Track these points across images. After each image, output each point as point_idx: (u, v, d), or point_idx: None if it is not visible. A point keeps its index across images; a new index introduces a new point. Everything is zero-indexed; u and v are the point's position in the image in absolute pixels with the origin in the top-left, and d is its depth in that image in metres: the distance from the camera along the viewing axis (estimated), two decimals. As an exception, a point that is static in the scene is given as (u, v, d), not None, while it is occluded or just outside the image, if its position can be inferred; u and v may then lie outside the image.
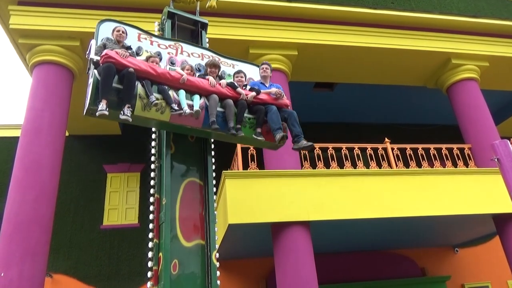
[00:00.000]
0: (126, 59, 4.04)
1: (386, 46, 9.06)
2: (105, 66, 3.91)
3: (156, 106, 4.03)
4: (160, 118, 4.15)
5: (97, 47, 4.24)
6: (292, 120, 4.81)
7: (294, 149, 4.79)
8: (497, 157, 4.40)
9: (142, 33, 4.79)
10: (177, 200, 4.37)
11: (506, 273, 9.36)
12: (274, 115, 4.69)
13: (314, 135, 9.82)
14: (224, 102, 4.52)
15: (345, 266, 10.13)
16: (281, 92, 4.96)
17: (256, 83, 5.10)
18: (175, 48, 4.91)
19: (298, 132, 4.76)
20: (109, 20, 4.65)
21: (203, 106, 4.32)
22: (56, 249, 9.24)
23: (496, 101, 11.98)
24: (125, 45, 4.47)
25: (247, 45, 8.44)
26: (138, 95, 4.00)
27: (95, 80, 3.93)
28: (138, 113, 4.02)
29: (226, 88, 4.57)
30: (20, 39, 7.64)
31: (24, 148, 6.96)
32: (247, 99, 4.64)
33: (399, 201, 7.50)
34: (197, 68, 4.89)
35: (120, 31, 4.47)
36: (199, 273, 4.16)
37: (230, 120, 4.43)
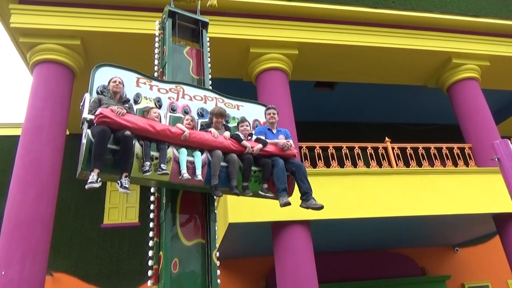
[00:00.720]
0: (123, 117, 3.74)
1: (386, 46, 9.06)
2: (99, 130, 3.60)
3: (149, 172, 3.74)
4: (159, 179, 3.91)
5: (91, 103, 3.91)
6: (300, 175, 4.46)
7: (301, 206, 4.47)
8: (497, 157, 4.40)
9: (141, 77, 4.51)
10: (177, 199, 4.37)
11: (506, 272, 9.35)
12: (280, 172, 4.36)
13: (315, 134, 9.88)
14: (228, 157, 4.19)
15: (345, 265, 10.14)
16: (290, 143, 4.61)
17: (262, 130, 4.73)
18: (176, 91, 4.62)
19: (306, 189, 4.41)
20: (105, 65, 4.32)
21: (205, 162, 4.07)
22: (57, 248, 9.25)
23: (497, 100, 11.97)
24: (123, 98, 4.14)
25: (247, 44, 8.44)
26: (135, 155, 3.73)
27: (89, 142, 3.63)
28: (135, 174, 3.76)
29: (230, 141, 4.29)
30: (21, 38, 7.64)
31: (24, 147, 6.97)
32: (252, 153, 4.32)
33: (399, 201, 7.50)
34: (199, 112, 4.62)
35: (117, 81, 4.13)
36: (200, 272, 4.16)
37: (234, 178, 4.12)
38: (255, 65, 8.60)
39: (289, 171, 4.49)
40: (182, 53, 5.29)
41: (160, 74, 5.11)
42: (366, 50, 9.04)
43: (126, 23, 7.84)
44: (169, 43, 5.13)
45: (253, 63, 8.63)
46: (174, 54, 5.12)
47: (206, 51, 5.43)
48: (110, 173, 3.70)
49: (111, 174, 3.71)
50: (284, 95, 8.31)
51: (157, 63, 5.20)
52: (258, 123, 4.99)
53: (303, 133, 8.45)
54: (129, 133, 3.68)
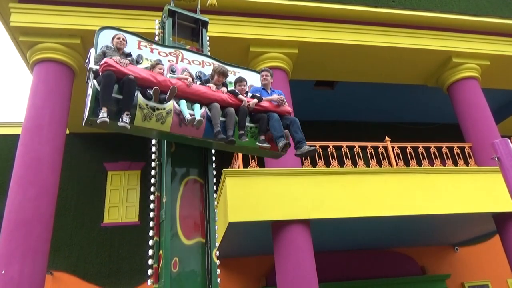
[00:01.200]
0: (127, 67, 3.95)
1: (387, 45, 9.05)
2: (105, 74, 3.81)
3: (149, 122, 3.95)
4: (160, 128, 4.10)
5: (96, 56, 4.16)
6: (294, 127, 4.77)
7: (296, 155, 4.72)
8: (497, 156, 4.40)
9: (142, 40, 4.73)
10: (177, 198, 4.38)
11: (506, 271, 9.36)
12: (276, 123, 4.64)
13: (315, 133, 9.85)
14: (226, 110, 4.43)
15: (345, 265, 10.15)
16: (283, 98, 4.91)
17: (257, 89, 5.04)
18: (176, 55, 4.85)
19: (300, 138, 4.71)
20: (108, 27, 4.58)
21: (204, 116, 4.25)
22: (57, 247, 9.26)
23: (497, 99, 11.97)
24: (125, 53, 4.37)
25: (247, 43, 8.43)
26: (138, 105, 3.92)
27: (95, 90, 3.82)
28: (138, 123, 3.95)
29: (227, 95, 4.52)
30: (21, 37, 7.64)
31: (24, 146, 6.97)
32: (248, 106, 4.58)
33: (399, 200, 7.50)
34: (197, 75, 4.82)
35: (121, 38, 4.38)
36: (200, 271, 4.17)
37: (230, 129, 4.33)
38: (255, 64, 8.59)
39: (284, 125, 4.72)
40: (182, 52, 5.29)
41: (160, 73, 5.12)
42: (366, 49, 9.04)
43: (126, 22, 7.82)
44: (169, 42, 5.14)
45: (253, 62, 8.62)
46: (174, 53, 5.12)
47: (206, 50, 5.44)
48: (114, 119, 3.84)
49: (115, 120, 3.85)
50: (284, 94, 8.28)
51: (157, 62, 5.20)
52: (254, 87, 5.19)
53: (303, 132, 8.43)
54: (133, 77, 3.86)
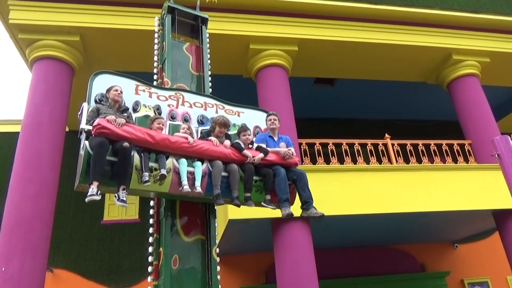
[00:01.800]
0: (122, 128, 3.63)
1: (386, 42, 9.04)
2: (97, 143, 3.51)
3: (148, 183, 3.64)
4: (158, 190, 3.86)
5: (89, 112, 3.81)
6: (302, 183, 4.43)
7: (302, 216, 4.47)
8: (497, 153, 4.40)
9: (140, 84, 4.41)
10: (177, 195, 4.36)
11: (505, 268, 9.36)
12: (282, 182, 4.31)
13: (314, 131, 9.87)
14: (229, 167, 4.12)
15: (345, 262, 10.16)
16: (291, 151, 4.57)
17: (263, 137, 4.67)
18: (176, 98, 4.56)
19: (307, 198, 4.39)
20: (103, 72, 4.24)
21: (206, 172, 4.01)
22: (57, 244, 9.26)
23: (497, 97, 11.96)
24: (122, 107, 4.04)
25: (247, 40, 8.41)
26: (134, 166, 3.63)
27: (86, 154, 3.55)
28: (135, 186, 3.67)
29: (230, 150, 4.21)
30: (20, 34, 7.62)
31: (24, 143, 6.97)
32: (254, 162, 4.26)
33: (399, 197, 7.51)
34: (199, 120, 4.57)
35: (118, 90, 4.02)
36: (200, 268, 4.17)
37: (235, 189, 4.06)
38: (255, 61, 8.58)
39: (290, 179, 4.44)
40: (181, 49, 5.28)
41: (159, 70, 5.11)
42: (366, 46, 9.02)
43: (125, 19, 7.81)
44: (168, 39, 5.11)
45: (253, 59, 8.61)
46: (174, 50, 5.11)
47: (205, 47, 5.42)
48: (108, 186, 3.61)
49: (109, 186, 3.62)
50: (284, 91, 8.29)
51: (157, 59, 5.19)
52: (259, 130, 4.92)
53: (303, 129, 8.44)
54: (127, 145, 3.58)
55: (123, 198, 3.57)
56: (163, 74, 4.95)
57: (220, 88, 6.10)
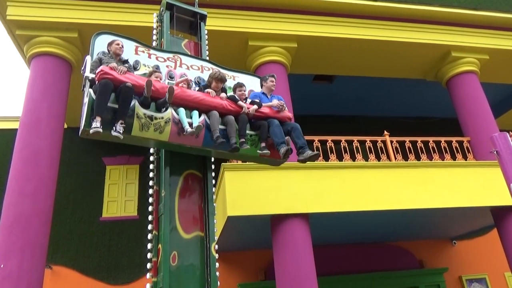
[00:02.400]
0: (124, 75, 3.83)
1: (386, 39, 9.03)
2: (101, 83, 3.68)
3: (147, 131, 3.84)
4: (158, 138, 4.01)
5: (92, 63, 4.01)
6: (296, 133, 4.68)
7: (299, 160, 4.64)
8: (496, 150, 4.41)
9: (140, 45, 4.62)
10: (176, 192, 4.38)
11: (503, 265, 9.41)
12: (277, 129, 4.53)
13: (313, 127, 9.85)
14: (225, 119, 4.34)
15: (344, 258, 10.19)
16: (283, 104, 4.82)
17: (257, 94, 4.95)
18: (174, 60, 4.75)
19: (302, 144, 4.61)
20: (105, 32, 4.46)
21: (203, 124, 4.16)
22: (56, 241, 9.27)
23: (496, 94, 11.97)
24: (122, 59, 4.24)
25: (246, 37, 8.39)
26: (135, 114, 3.81)
27: (91, 100, 3.70)
28: (136, 133, 3.85)
29: (226, 101, 4.43)
30: (18, 31, 7.58)
31: (22, 140, 6.95)
32: (248, 113, 4.48)
33: (397, 194, 7.52)
34: (196, 81, 4.73)
35: (120, 44, 4.25)
36: (198, 264, 4.18)
37: (232, 137, 4.24)
38: (254, 58, 8.57)
39: (285, 131, 4.63)
40: (180, 45, 5.27)
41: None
42: (365, 43, 9.01)
43: (124, 16, 7.79)
44: (167, 35, 5.11)
45: (252, 56, 8.59)
46: (172, 47, 5.11)
47: (204, 44, 5.42)
48: (109, 129, 3.74)
49: (110, 130, 3.75)
50: (282, 88, 8.27)
51: (155, 56, 5.16)
52: (253, 92, 5.10)
53: (301, 126, 8.39)
54: (130, 85, 3.73)
55: (119, 130, 3.70)
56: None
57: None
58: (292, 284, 6.44)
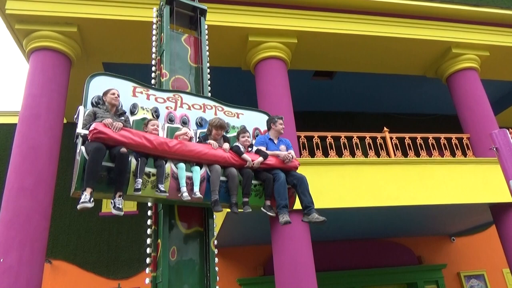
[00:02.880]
0: (119, 133, 3.54)
1: (386, 35, 9.00)
2: (93, 148, 3.40)
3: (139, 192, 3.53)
4: (156, 196, 3.75)
5: (85, 116, 3.71)
6: (302, 188, 4.32)
7: (303, 221, 4.38)
8: (495, 147, 4.41)
9: (138, 86, 4.30)
10: (175, 187, 4.36)
11: (501, 261, 9.46)
12: (281, 187, 4.21)
13: (313, 123, 9.87)
14: (228, 172, 4.04)
15: (343, 254, 10.23)
16: (291, 155, 4.46)
17: (263, 140, 4.54)
18: (174, 100, 4.46)
19: (308, 203, 4.29)
20: (100, 74, 4.12)
21: (204, 177, 3.92)
22: (56, 236, 9.30)
23: (496, 91, 11.96)
24: (119, 111, 3.93)
25: (246, 32, 8.37)
26: (131, 172, 3.55)
27: (83, 159, 3.43)
28: (132, 192, 3.57)
29: (229, 154, 4.12)
30: (17, 25, 7.55)
31: (21, 135, 6.95)
32: (253, 166, 4.17)
33: (397, 190, 7.53)
34: (198, 122, 4.47)
35: (116, 94, 3.91)
36: (198, 259, 4.18)
37: (233, 195, 3.99)
38: (254, 53, 8.55)
39: (290, 183, 4.35)
40: (180, 40, 5.24)
41: (157, 62, 5.07)
42: (365, 39, 8.98)
43: (123, 10, 7.75)
44: (166, 30, 5.07)
45: (252, 51, 8.57)
46: (172, 42, 5.07)
47: (204, 39, 5.38)
48: (104, 192, 3.54)
49: (105, 192, 3.55)
50: (282, 84, 8.27)
51: (155, 51, 5.15)
52: (259, 132, 4.82)
53: (301, 122, 8.44)
54: (125, 150, 3.48)
55: (119, 206, 3.48)
56: (161, 66, 4.91)
57: (219, 81, 6.07)
58: (291, 280, 6.46)
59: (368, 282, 10.22)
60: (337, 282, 9.81)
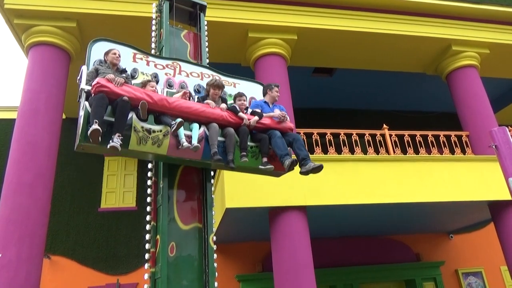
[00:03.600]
0: (121, 87, 3.67)
1: (386, 32, 8.98)
2: (96, 97, 3.52)
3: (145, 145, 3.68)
4: (157, 152, 3.88)
5: (88, 73, 3.86)
6: (298, 144, 4.54)
7: (301, 173, 4.49)
8: (495, 144, 4.41)
9: (138, 52, 4.48)
10: (174, 183, 4.37)
11: (499, 259, 9.49)
12: (279, 141, 4.40)
13: (313, 120, 9.85)
14: (225, 131, 4.21)
15: (341, 251, 10.25)
16: (285, 114, 4.70)
17: (259, 103, 4.79)
18: (173, 67, 4.62)
19: (305, 155, 4.46)
20: (101, 39, 4.29)
21: (202, 136, 4.05)
22: (54, 231, 9.30)
23: (496, 88, 11.96)
24: (120, 69, 4.10)
25: (246, 28, 8.34)
26: (133, 127, 3.67)
27: (86, 113, 3.53)
28: (133, 147, 3.70)
29: (227, 112, 4.29)
30: (16, 20, 7.52)
31: (20, 130, 6.93)
32: (249, 125, 4.35)
33: (396, 187, 7.54)
34: (196, 89, 4.61)
35: (116, 53, 4.10)
36: (196, 255, 4.19)
37: (230, 152, 4.12)
38: (254, 50, 8.52)
39: (286, 142, 4.53)
40: (179, 36, 5.23)
41: (157, 58, 5.06)
42: (365, 36, 8.96)
43: (122, 6, 7.72)
44: (166, 26, 5.06)
45: (252, 48, 8.55)
46: (171, 38, 5.06)
47: (203, 35, 5.37)
48: (102, 144, 3.60)
49: (103, 145, 3.60)
50: (282, 80, 8.24)
51: (154, 47, 5.14)
52: (254, 100, 5.00)
53: (301, 119, 8.42)
54: (127, 99, 3.62)
55: (116, 141, 3.54)
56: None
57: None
58: (290, 276, 6.48)
59: (366, 279, 10.26)
60: (336, 278, 9.85)
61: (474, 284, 10.79)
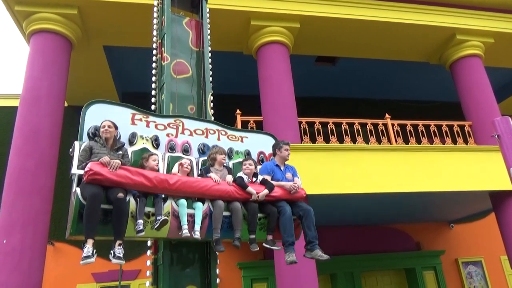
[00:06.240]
0: (116, 173, 3.34)
1: (390, 20, 8.88)
2: (90, 194, 3.21)
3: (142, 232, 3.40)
4: (156, 236, 3.66)
5: (81, 152, 3.52)
6: (308, 221, 4.11)
7: (305, 256, 4.14)
8: (497, 134, 4.40)
9: (137, 113, 4.08)
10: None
11: (499, 248, 9.52)
12: (287, 222, 4.01)
13: (315, 109, 9.82)
14: (231, 206, 3.88)
15: (343, 240, 10.31)
16: (298, 185, 4.25)
17: (269, 168, 4.35)
18: (175, 126, 4.26)
19: (313, 238, 4.07)
20: (96, 102, 3.87)
21: (207, 213, 3.77)
22: (58, 218, 9.37)
23: (499, 78, 11.86)
24: (116, 144, 3.73)
25: (248, 16, 8.26)
26: (129, 213, 3.40)
27: (78, 202, 3.26)
28: (130, 234, 3.43)
29: (233, 187, 3.92)
30: (16, 6, 7.47)
31: (23, 118, 6.95)
32: (258, 199, 3.98)
33: (397, 177, 7.56)
34: (200, 149, 4.31)
35: (105, 126, 3.68)
36: (198, 243, 4.22)
37: (238, 230, 3.83)
38: (256, 38, 8.46)
39: (296, 215, 4.17)
40: (181, 24, 5.19)
41: (158, 45, 5.03)
42: (369, 24, 8.87)
43: (124, -7, 7.65)
44: (168, 13, 5.02)
45: (254, 36, 8.48)
46: (173, 25, 5.03)
47: (205, 22, 5.33)
48: (102, 234, 3.40)
49: (103, 235, 3.42)
50: (284, 69, 8.21)
51: (156, 34, 5.11)
52: (264, 156, 4.66)
53: (303, 108, 8.40)
54: (122, 195, 3.30)
55: (119, 255, 3.33)
56: (162, 49, 4.88)
57: (220, 65, 6.02)
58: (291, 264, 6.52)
59: (367, 267, 10.34)
60: (337, 267, 9.92)
61: (474, 273, 10.87)
